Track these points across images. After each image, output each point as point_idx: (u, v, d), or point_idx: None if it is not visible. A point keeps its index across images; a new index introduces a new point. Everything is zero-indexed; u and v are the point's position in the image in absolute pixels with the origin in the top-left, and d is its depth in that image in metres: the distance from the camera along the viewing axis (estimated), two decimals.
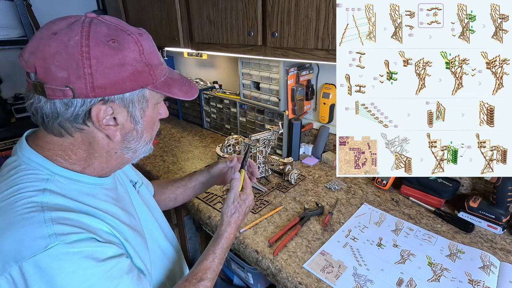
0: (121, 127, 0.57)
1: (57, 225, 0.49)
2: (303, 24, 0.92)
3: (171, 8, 1.38)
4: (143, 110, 0.58)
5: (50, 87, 0.49)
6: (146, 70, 0.55)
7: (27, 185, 0.53)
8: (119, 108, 0.55)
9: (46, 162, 0.56)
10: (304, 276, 0.78)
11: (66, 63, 0.48)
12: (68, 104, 0.51)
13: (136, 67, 0.53)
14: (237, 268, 1.15)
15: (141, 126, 0.60)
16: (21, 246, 0.46)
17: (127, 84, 0.53)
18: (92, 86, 0.50)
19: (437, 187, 1.03)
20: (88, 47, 0.49)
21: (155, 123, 0.65)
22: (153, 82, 0.57)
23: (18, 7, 1.68)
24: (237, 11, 1.09)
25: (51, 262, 0.46)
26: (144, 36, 0.57)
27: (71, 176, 0.57)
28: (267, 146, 1.20)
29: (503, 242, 0.88)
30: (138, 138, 0.61)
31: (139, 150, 0.63)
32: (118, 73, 0.52)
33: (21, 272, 0.45)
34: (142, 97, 0.57)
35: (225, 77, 1.88)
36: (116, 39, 0.52)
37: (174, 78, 0.62)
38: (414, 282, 0.75)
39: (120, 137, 0.58)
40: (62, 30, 0.50)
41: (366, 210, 1.04)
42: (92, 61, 0.49)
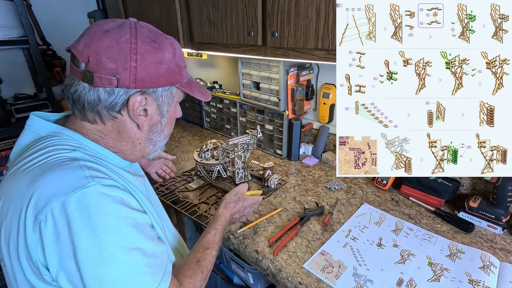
0: (150, 118, 0.64)
1: (91, 170, 0.54)
2: (303, 24, 0.92)
3: (171, 8, 1.38)
4: (169, 105, 0.66)
5: (98, 76, 0.55)
6: (176, 70, 0.63)
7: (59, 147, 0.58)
8: (151, 100, 0.62)
9: (77, 135, 0.61)
10: (304, 276, 0.78)
11: (116, 56, 0.55)
12: (111, 93, 0.58)
13: (170, 66, 0.61)
14: (237, 268, 1.15)
15: (165, 120, 0.67)
16: (62, 184, 0.51)
17: (162, 80, 0.61)
18: (135, 78, 0.57)
19: (437, 187, 1.03)
20: (136, 44, 0.57)
21: (174, 120, 0.72)
22: (180, 81, 0.65)
23: (18, 7, 1.68)
24: (237, 11, 1.09)
25: (91, 199, 0.51)
26: (176, 42, 0.65)
27: (100, 151, 0.63)
28: (246, 151, 1.17)
29: (503, 242, 0.88)
30: (161, 131, 0.68)
31: (158, 143, 0.70)
32: (156, 69, 0.59)
33: (64, 208, 0.49)
34: (170, 93, 0.65)
35: (225, 77, 1.88)
36: (157, 40, 0.60)
37: (194, 82, 0.70)
38: (414, 282, 0.75)
39: (148, 128, 0.65)
40: (113, 29, 0.57)
41: (366, 210, 1.04)
42: (138, 56, 0.57)
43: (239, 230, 0.94)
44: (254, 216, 1.01)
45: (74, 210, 0.49)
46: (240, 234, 0.93)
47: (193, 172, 1.31)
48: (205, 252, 0.73)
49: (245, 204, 0.92)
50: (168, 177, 1.26)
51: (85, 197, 0.50)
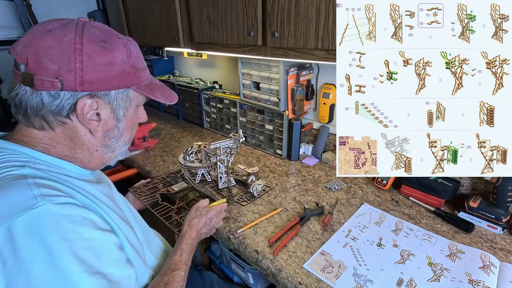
0: (104, 123, 0.60)
1: (42, 188, 0.50)
2: (303, 24, 0.92)
3: (171, 8, 1.38)
4: (126, 109, 0.62)
5: (39, 78, 0.51)
6: (132, 71, 0.59)
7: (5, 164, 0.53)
8: (103, 104, 0.58)
9: (23, 148, 0.56)
10: (304, 276, 0.78)
11: (58, 57, 0.51)
12: (55, 96, 0.53)
13: (124, 68, 0.57)
14: (237, 268, 1.15)
15: (122, 125, 0.63)
16: (8, 207, 0.46)
17: (114, 82, 0.57)
18: (81, 80, 0.53)
19: (437, 187, 1.03)
20: (81, 45, 0.53)
21: (135, 125, 0.68)
22: (137, 83, 0.61)
23: (18, 7, 1.68)
24: (237, 11, 1.09)
25: (42, 220, 0.46)
26: (132, 42, 0.61)
27: (52, 162, 0.58)
28: (229, 155, 1.11)
29: (503, 242, 0.88)
30: (119, 136, 0.64)
31: (117, 149, 0.65)
32: (106, 71, 0.55)
33: (9, 232, 0.44)
34: (126, 97, 0.61)
35: (225, 77, 1.88)
36: (107, 40, 0.56)
37: (156, 84, 0.66)
38: (414, 282, 0.75)
39: (102, 133, 0.61)
40: (57, 28, 0.53)
41: (366, 210, 1.04)
42: (84, 57, 0.52)
43: (239, 230, 0.94)
44: (254, 216, 1.01)
45: (21, 234, 0.44)
46: (240, 234, 0.93)
47: (178, 174, 1.29)
48: (173, 274, 0.69)
49: (209, 216, 0.89)
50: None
51: (33, 219, 0.46)
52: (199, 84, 1.87)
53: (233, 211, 1.04)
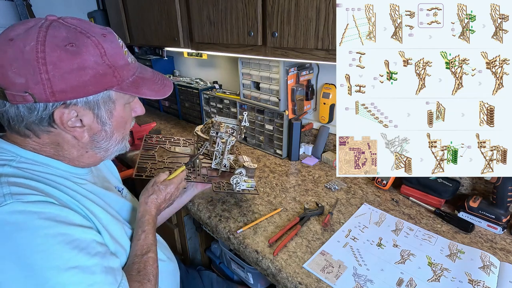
0: (88, 128, 0.58)
1: (13, 187, 0.49)
2: (303, 24, 0.92)
3: (171, 8, 1.38)
4: (110, 111, 0.59)
5: (10, 93, 0.49)
6: (109, 72, 0.55)
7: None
8: (83, 110, 0.55)
9: (13, 147, 0.56)
10: (304, 276, 0.78)
11: (23, 69, 0.49)
12: (31, 109, 0.52)
13: (98, 70, 0.53)
14: (237, 268, 1.15)
15: (110, 127, 0.60)
16: None
17: (90, 88, 0.53)
18: (52, 91, 0.50)
19: (437, 187, 1.03)
20: (44, 53, 0.49)
21: (127, 122, 0.65)
22: (118, 83, 0.57)
23: (18, 7, 1.68)
24: (237, 11, 1.09)
25: (8, 218, 0.46)
26: (108, 37, 0.56)
27: (40, 160, 0.57)
28: (230, 136, 1.02)
29: (503, 242, 0.88)
30: (108, 138, 0.62)
31: (111, 149, 0.64)
32: (78, 77, 0.52)
33: None
34: (108, 99, 0.57)
35: (225, 77, 1.87)
36: (75, 42, 0.51)
37: (144, 77, 0.61)
38: (414, 282, 0.75)
39: (88, 138, 0.59)
40: (18, 36, 0.50)
41: (366, 210, 1.04)
42: (49, 67, 0.49)
43: (239, 230, 0.94)
44: (254, 216, 1.01)
45: None
46: (240, 234, 0.93)
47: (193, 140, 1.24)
48: (142, 259, 0.65)
49: (168, 191, 0.81)
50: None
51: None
52: (199, 84, 1.87)
53: (233, 211, 1.04)
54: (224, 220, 0.99)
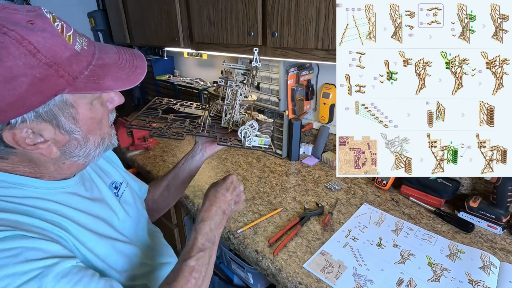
0: (54, 141, 0.49)
1: None
2: (303, 24, 0.92)
3: (171, 8, 1.38)
4: (72, 117, 0.49)
5: None
6: (50, 73, 0.43)
7: None
8: (38, 125, 0.46)
9: None
10: (304, 276, 0.78)
11: None
12: None
13: (34, 75, 0.41)
14: (237, 268, 1.15)
15: (80, 133, 0.51)
16: None
17: (31, 99, 0.42)
18: None
19: (437, 187, 1.03)
20: None
21: (102, 120, 0.55)
22: (69, 83, 0.45)
23: None
24: (237, 11, 1.09)
25: None
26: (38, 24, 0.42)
27: (14, 180, 0.50)
28: (241, 84, 0.85)
29: (503, 242, 0.88)
30: (83, 144, 0.53)
31: (91, 153, 0.55)
32: (10, 91, 0.40)
33: None
34: (63, 105, 0.47)
35: None
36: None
37: (105, 64, 0.49)
38: (414, 282, 0.75)
39: (58, 151, 0.50)
40: None
41: (366, 210, 1.04)
42: None
43: (239, 230, 0.94)
44: (254, 216, 1.01)
45: None
46: (240, 234, 0.93)
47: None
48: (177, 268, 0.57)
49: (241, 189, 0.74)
50: None
51: None
52: (199, 84, 1.87)
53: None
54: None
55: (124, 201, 0.74)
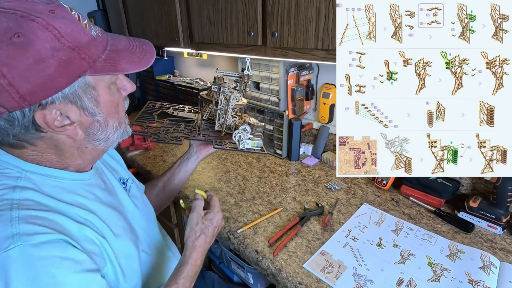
0: (79, 124, 0.53)
1: (23, 224, 0.45)
2: (303, 24, 0.92)
3: (171, 8, 1.38)
4: (94, 99, 0.52)
5: None
6: (74, 55, 0.46)
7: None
8: (65, 106, 0.49)
9: (15, 159, 0.52)
10: (304, 276, 0.78)
11: None
12: (10, 120, 0.47)
13: (60, 57, 0.45)
14: (237, 268, 1.15)
15: (101, 115, 0.55)
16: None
17: (59, 80, 0.46)
18: (20, 95, 0.44)
19: (437, 187, 1.03)
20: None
21: (119, 104, 0.59)
22: (90, 65, 0.48)
23: None
24: (237, 11, 1.09)
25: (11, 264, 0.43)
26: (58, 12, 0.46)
27: (45, 172, 0.54)
28: (234, 91, 0.91)
29: (503, 242, 0.88)
30: (104, 127, 0.56)
31: (111, 137, 0.59)
32: (41, 72, 0.44)
33: None
34: (86, 87, 0.50)
35: None
36: (20, 31, 0.42)
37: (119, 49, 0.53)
38: (414, 282, 0.75)
39: (83, 133, 0.54)
40: None
41: (366, 210, 1.04)
42: (3, 70, 0.42)
43: (239, 230, 0.94)
44: (254, 216, 1.01)
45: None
46: (240, 234, 0.93)
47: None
48: None
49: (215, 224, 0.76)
50: None
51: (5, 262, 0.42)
52: (199, 84, 1.87)
53: (233, 211, 1.04)
54: (224, 220, 0.99)
55: (132, 195, 0.77)
